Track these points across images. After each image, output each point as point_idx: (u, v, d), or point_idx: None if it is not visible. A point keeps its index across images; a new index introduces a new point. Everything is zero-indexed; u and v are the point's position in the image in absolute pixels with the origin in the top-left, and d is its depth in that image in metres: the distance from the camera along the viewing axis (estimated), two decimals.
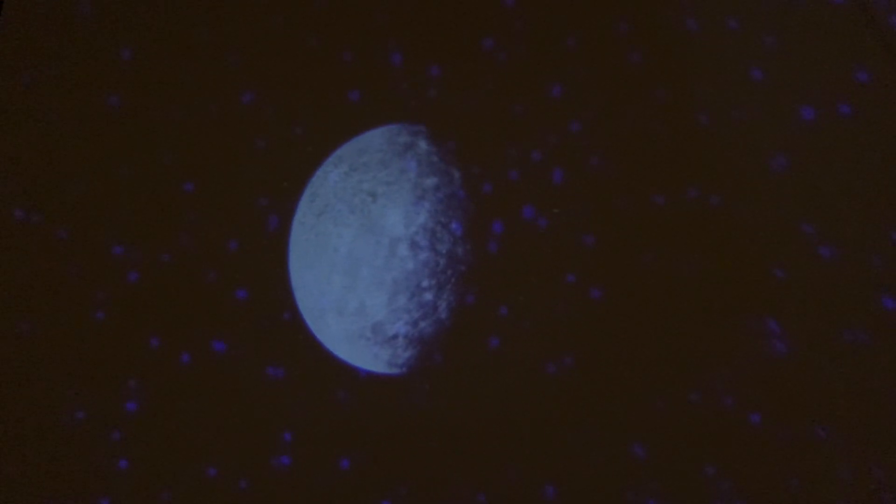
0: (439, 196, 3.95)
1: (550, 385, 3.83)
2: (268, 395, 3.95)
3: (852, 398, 3.66)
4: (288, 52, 4.08)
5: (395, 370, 3.93)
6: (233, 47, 4.10)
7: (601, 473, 3.78)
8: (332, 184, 4.02)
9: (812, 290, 3.73)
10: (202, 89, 4.12)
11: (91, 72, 4.14)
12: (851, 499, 3.62)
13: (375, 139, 4.01)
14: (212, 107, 4.10)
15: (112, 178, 4.11)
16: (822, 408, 3.67)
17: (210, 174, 4.08)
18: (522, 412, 3.83)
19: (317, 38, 4.07)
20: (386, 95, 4.03)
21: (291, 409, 3.94)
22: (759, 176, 3.81)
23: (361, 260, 3.96)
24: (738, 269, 3.80)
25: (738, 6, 3.87)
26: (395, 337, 3.93)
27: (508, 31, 3.96)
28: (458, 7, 4.01)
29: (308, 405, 3.93)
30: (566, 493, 3.79)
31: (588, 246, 3.87)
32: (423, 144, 3.99)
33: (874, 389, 3.65)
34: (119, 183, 4.10)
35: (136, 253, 4.06)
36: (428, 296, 3.91)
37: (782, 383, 3.71)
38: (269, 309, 4.00)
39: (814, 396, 3.69)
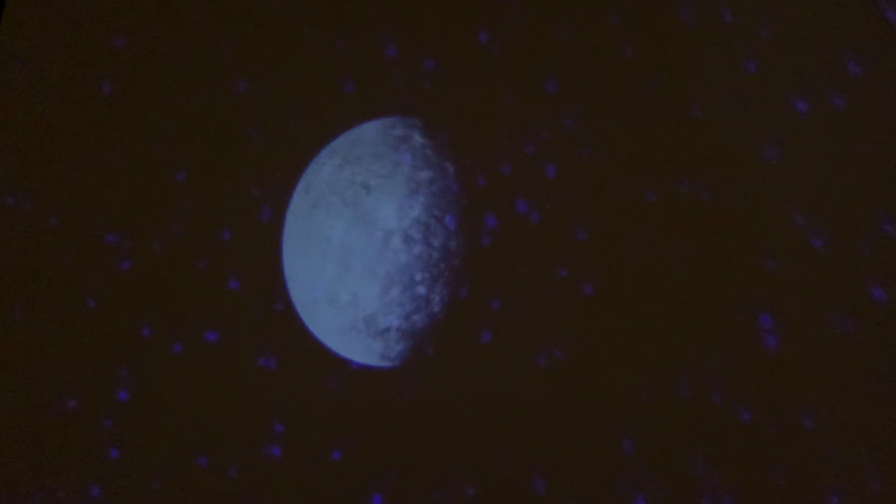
0: (433, 189, 3.94)
1: (541, 379, 3.84)
2: (259, 386, 3.95)
3: (842, 390, 3.68)
4: (282, 42, 4.06)
5: (387, 363, 3.93)
6: (226, 36, 4.08)
7: (590, 467, 3.79)
8: (325, 176, 4.01)
9: (804, 282, 3.74)
10: (195, 78, 4.10)
11: (84, 59, 4.12)
12: (839, 493, 3.65)
13: (369, 131, 4.00)
14: (205, 96, 4.09)
15: (104, 166, 4.09)
16: (812, 400, 3.69)
17: (203, 163, 4.07)
18: (513, 405, 3.84)
19: (311, 30, 4.04)
20: (380, 88, 4.01)
21: (283, 399, 3.94)
22: (751, 168, 3.81)
23: (354, 252, 3.95)
24: (730, 262, 3.80)
25: None
26: (387, 329, 3.93)
27: (502, 25, 3.94)
28: (453, 0, 3.99)
29: (300, 396, 3.93)
30: (555, 485, 3.80)
31: (580, 241, 3.87)
32: (417, 137, 3.98)
33: (864, 380, 3.67)
34: (111, 171, 4.09)
35: (127, 241, 4.05)
36: (421, 289, 3.91)
37: (772, 378, 3.73)
38: (261, 299, 4.00)
39: (803, 391, 3.70)
